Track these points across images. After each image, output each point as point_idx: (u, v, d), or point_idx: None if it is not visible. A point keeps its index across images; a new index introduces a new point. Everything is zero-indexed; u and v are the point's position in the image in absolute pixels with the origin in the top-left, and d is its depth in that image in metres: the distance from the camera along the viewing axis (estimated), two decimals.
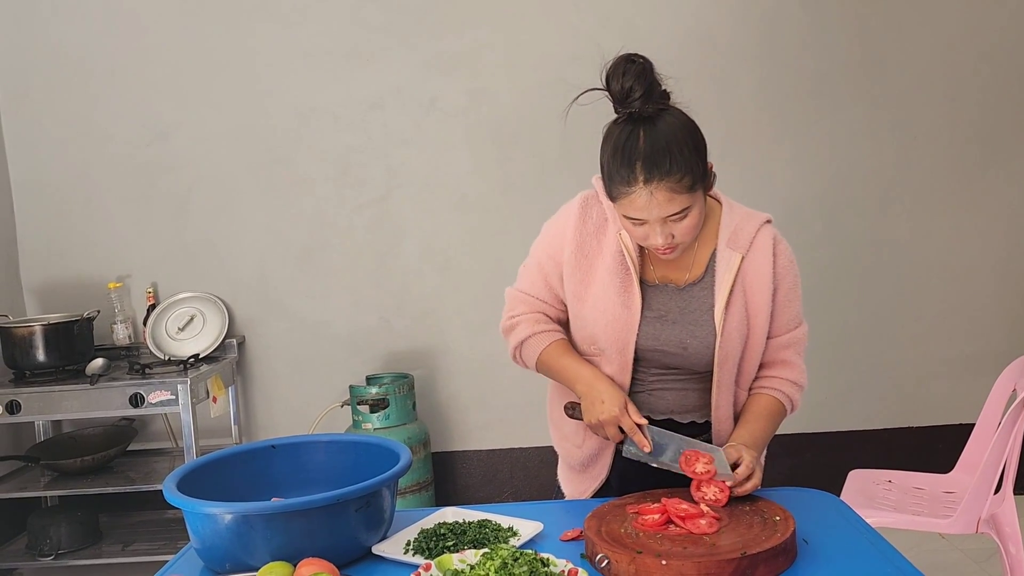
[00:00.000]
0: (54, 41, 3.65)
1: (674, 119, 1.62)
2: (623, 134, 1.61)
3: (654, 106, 1.60)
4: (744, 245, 1.74)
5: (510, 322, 1.85)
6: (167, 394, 3.22)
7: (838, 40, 3.59)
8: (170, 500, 1.49)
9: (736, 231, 1.74)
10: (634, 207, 1.60)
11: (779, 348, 1.80)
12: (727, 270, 1.72)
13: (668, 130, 1.59)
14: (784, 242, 1.78)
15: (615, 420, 1.66)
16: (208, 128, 3.67)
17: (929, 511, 2.59)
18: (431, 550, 1.50)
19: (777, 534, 1.43)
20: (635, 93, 1.59)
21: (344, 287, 3.73)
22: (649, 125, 1.59)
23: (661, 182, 1.56)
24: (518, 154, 3.65)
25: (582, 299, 1.77)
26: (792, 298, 1.78)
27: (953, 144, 3.64)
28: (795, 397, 1.81)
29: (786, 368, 1.81)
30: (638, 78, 1.59)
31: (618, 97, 1.62)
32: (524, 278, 1.86)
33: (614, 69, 1.62)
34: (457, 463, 3.80)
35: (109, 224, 3.72)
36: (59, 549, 3.34)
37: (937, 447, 3.51)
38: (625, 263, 1.74)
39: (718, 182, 1.73)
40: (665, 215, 1.59)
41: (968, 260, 3.68)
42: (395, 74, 3.64)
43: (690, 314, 1.74)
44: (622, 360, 1.75)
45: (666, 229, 1.61)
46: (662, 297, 1.75)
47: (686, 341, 1.73)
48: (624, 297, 1.73)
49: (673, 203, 1.58)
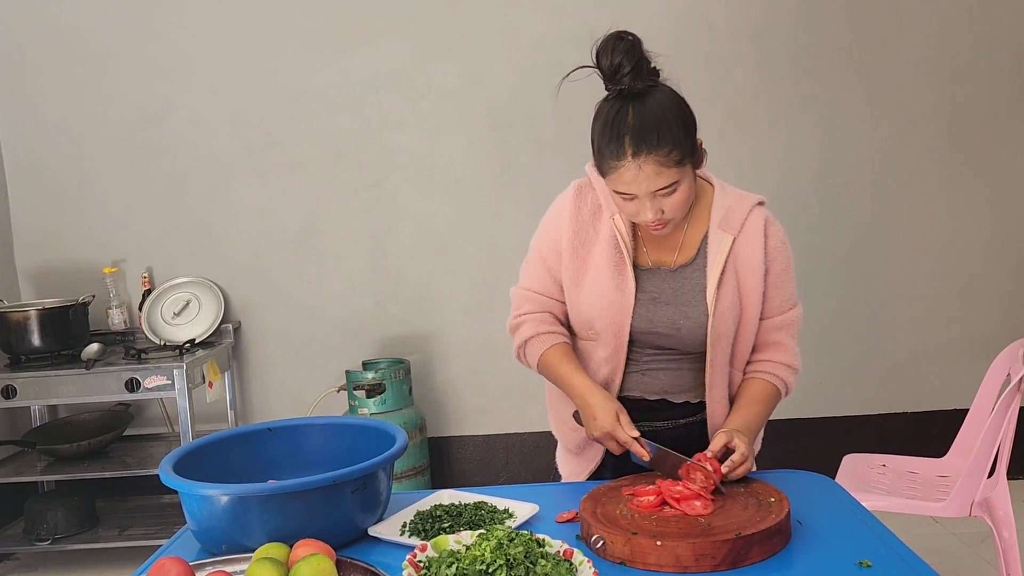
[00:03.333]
0: (48, 23, 3.63)
1: (663, 95, 1.63)
2: (612, 110, 1.62)
3: (643, 83, 1.62)
4: (736, 227, 1.74)
5: (516, 320, 1.87)
6: (163, 379, 3.22)
7: (834, 23, 3.58)
8: (166, 482, 1.49)
9: (728, 213, 1.75)
10: (623, 181, 1.61)
11: (772, 330, 1.80)
12: (718, 251, 1.73)
13: (657, 105, 1.61)
14: (776, 223, 1.79)
15: (610, 436, 1.69)
16: (203, 111, 3.66)
17: (923, 495, 2.60)
18: (427, 532, 1.51)
19: (771, 515, 1.44)
20: (624, 69, 1.61)
21: (340, 271, 3.73)
22: (638, 101, 1.61)
23: (649, 155, 1.58)
24: (514, 137, 3.65)
25: (579, 284, 1.79)
26: (784, 279, 1.78)
27: (948, 128, 3.63)
28: (789, 380, 1.82)
29: (779, 351, 1.81)
30: (627, 54, 1.61)
31: (608, 74, 1.63)
32: (527, 274, 1.87)
33: (604, 46, 1.63)
34: (453, 448, 3.81)
35: (104, 208, 3.71)
36: (56, 534, 3.34)
37: (931, 432, 3.52)
38: (619, 247, 1.75)
39: (712, 165, 1.73)
40: (654, 189, 1.60)
41: (963, 245, 3.68)
42: (390, 57, 3.62)
43: (683, 295, 1.75)
44: (617, 342, 1.77)
45: (656, 204, 1.63)
46: (655, 280, 1.77)
47: (679, 322, 1.74)
48: (618, 280, 1.74)
49: (661, 177, 1.59)
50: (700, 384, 1.80)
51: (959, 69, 3.60)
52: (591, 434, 1.73)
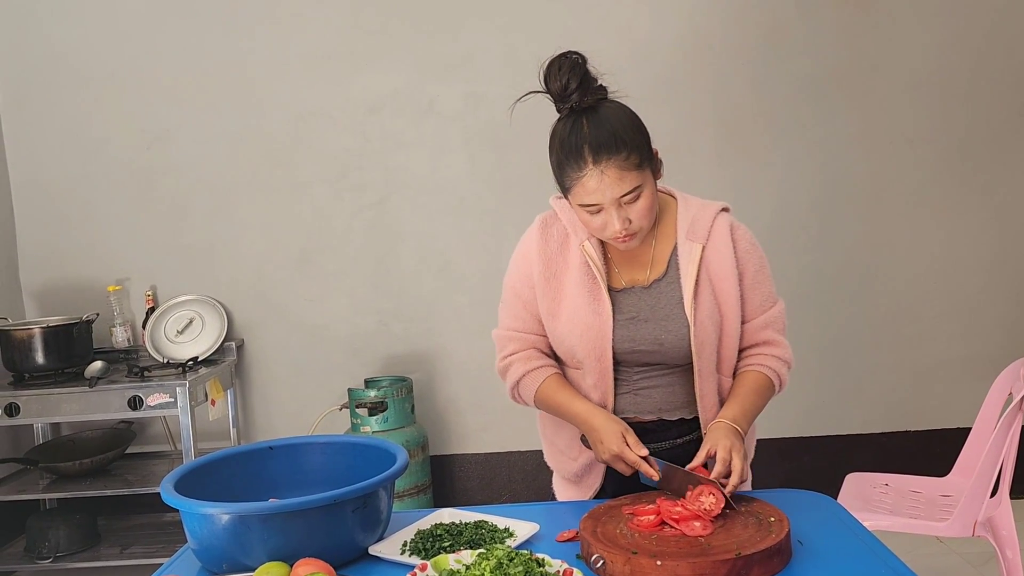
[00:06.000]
0: (54, 45, 3.66)
1: (614, 106, 1.68)
2: (567, 126, 1.67)
3: (592, 97, 1.66)
4: (703, 235, 1.76)
5: (504, 363, 1.87)
6: (166, 397, 3.22)
7: (832, 45, 3.60)
8: (167, 501, 1.49)
9: (693, 223, 1.77)
10: (587, 190, 1.63)
11: (758, 329, 1.81)
12: (690, 262, 1.75)
13: (610, 115, 1.66)
14: (742, 227, 1.81)
15: (617, 458, 1.69)
16: (207, 131, 3.68)
17: (926, 514, 2.59)
18: (427, 551, 1.51)
19: (772, 535, 1.44)
20: (571, 86, 1.65)
21: (342, 290, 3.74)
22: (591, 113, 1.66)
23: (610, 160, 1.61)
24: (515, 157, 3.66)
25: (556, 315, 1.79)
26: (760, 279, 1.80)
27: (947, 147, 3.65)
28: (782, 372, 1.82)
29: (769, 346, 1.82)
30: (572, 71, 1.65)
31: (558, 94, 1.67)
32: (506, 315, 1.87)
33: (549, 68, 1.68)
34: (455, 466, 3.81)
35: (108, 227, 3.73)
36: (57, 552, 3.34)
37: (934, 451, 3.52)
38: (591, 272, 1.77)
39: (711, 186, 1.76)
40: (618, 195, 1.63)
41: (963, 263, 3.69)
42: (393, 78, 3.65)
43: (660, 310, 1.76)
44: (601, 367, 1.77)
45: (622, 213, 1.65)
46: (631, 299, 1.78)
47: (661, 337, 1.75)
48: (595, 305, 1.76)
49: (624, 181, 1.62)
50: (692, 398, 1.81)
51: (956, 90, 3.62)
52: (600, 458, 1.73)
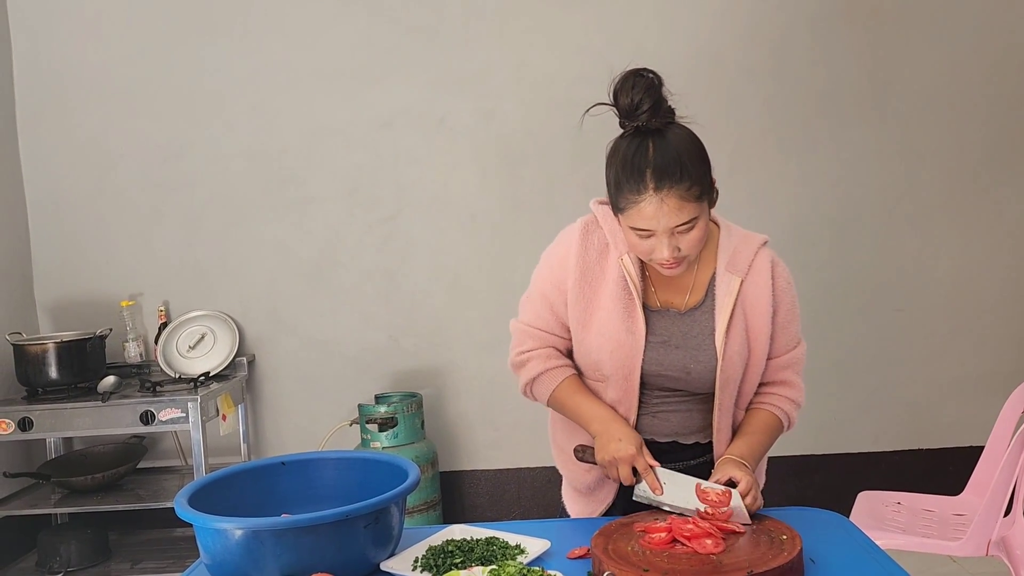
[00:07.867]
0: (69, 62, 3.70)
1: (681, 132, 1.65)
2: (631, 146, 1.62)
3: (661, 120, 1.63)
4: (743, 268, 1.75)
5: (520, 358, 1.84)
6: (177, 412, 3.23)
7: (845, 60, 3.61)
8: (181, 515, 1.50)
9: (734, 254, 1.75)
10: (643, 216, 1.60)
11: (779, 368, 1.81)
12: (727, 294, 1.73)
13: (677, 141, 1.62)
14: (782, 264, 1.79)
15: (631, 459, 1.68)
16: (220, 148, 3.71)
17: (939, 533, 2.58)
18: (439, 567, 1.51)
19: (784, 553, 1.43)
20: (643, 106, 1.61)
21: (353, 306, 3.75)
22: (658, 136, 1.62)
23: (672, 190, 1.58)
24: (527, 173, 3.68)
25: (586, 326, 1.77)
26: (791, 319, 1.79)
27: (960, 163, 3.64)
28: (792, 414, 1.82)
29: (785, 387, 1.82)
30: (647, 92, 1.61)
31: (626, 111, 1.63)
32: (528, 310, 1.85)
33: (623, 83, 1.64)
34: (465, 482, 3.80)
35: (122, 243, 3.75)
36: (69, 567, 3.34)
37: (947, 469, 3.49)
38: (628, 288, 1.74)
39: (723, 202, 1.74)
40: (674, 224, 1.60)
41: (976, 279, 3.68)
42: (405, 94, 3.67)
43: (692, 339, 1.74)
44: (628, 385, 1.76)
45: (672, 241, 1.62)
46: (665, 322, 1.76)
47: (689, 365, 1.74)
48: (628, 323, 1.73)
49: (683, 212, 1.59)
50: (709, 424, 1.80)
51: (970, 106, 3.62)
52: (608, 455, 1.70)
